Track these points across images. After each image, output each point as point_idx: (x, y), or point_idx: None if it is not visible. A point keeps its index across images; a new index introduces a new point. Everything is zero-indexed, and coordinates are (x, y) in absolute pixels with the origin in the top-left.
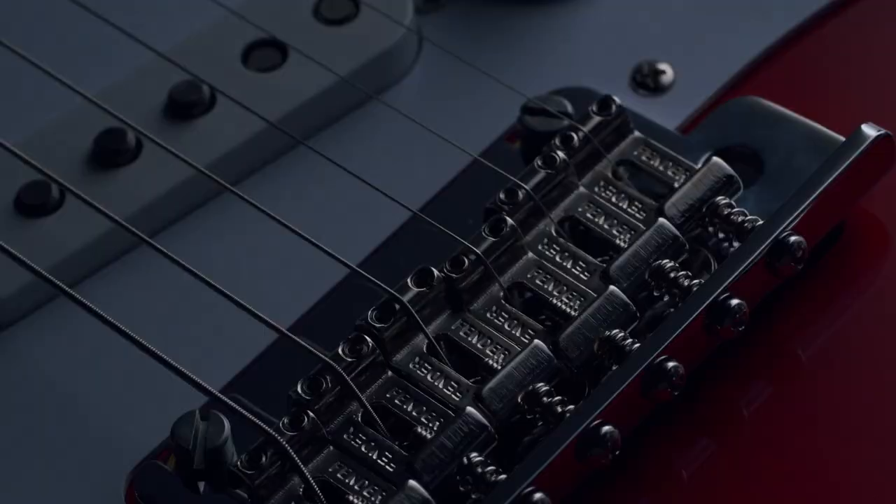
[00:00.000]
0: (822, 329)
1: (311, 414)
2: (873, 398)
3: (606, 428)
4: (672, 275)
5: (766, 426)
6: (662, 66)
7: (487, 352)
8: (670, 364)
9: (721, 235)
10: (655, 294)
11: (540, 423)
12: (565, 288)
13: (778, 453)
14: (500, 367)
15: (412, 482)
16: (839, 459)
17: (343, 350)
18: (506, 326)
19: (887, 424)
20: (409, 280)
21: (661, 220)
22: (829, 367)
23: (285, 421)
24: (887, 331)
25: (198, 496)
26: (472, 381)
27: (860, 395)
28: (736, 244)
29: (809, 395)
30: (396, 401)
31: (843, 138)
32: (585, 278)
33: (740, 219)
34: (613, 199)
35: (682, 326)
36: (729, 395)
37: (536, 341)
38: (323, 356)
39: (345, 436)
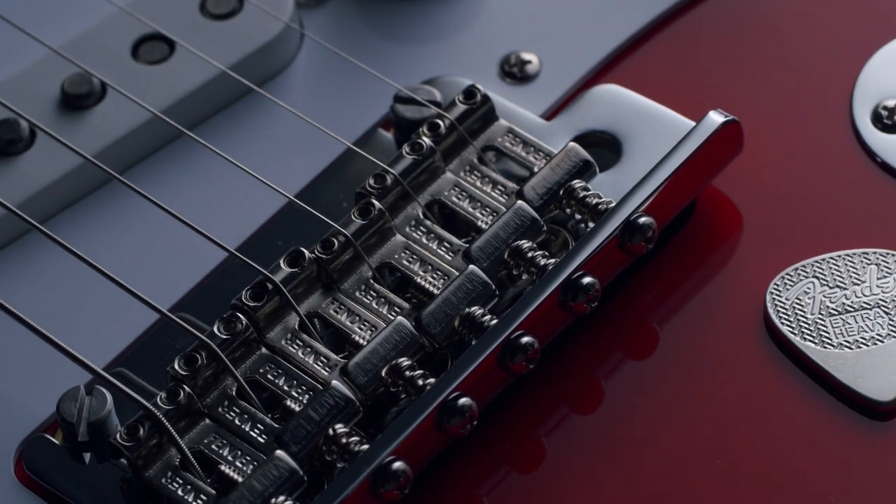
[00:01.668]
0: (675, 303)
1: (186, 388)
2: (723, 368)
3: (464, 400)
4: (530, 254)
5: (621, 396)
6: (528, 57)
7: (356, 329)
8: (525, 339)
9: (578, 217)
10: (515, 273)
11: (403, 396)
12: (430, 267)
13: (634, 421)
14: (366, 343)
15: (280, 452)
16: (692, 427)
17: (218, 328)
18: (374, 304)
19: (735, 391)
20: (282, 261)
21: (520, 202)
22: (682, 340)
23: (162, 395)
24: (736, 303)
25: (84, 467)
26: (340, 356)
27: (711, 366)
28: (591, 225)
29: (662, 367)
30: (269, 375)
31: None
32: (450, 258)
33: (594, 201)
34: (478, 184)
35: (537, 303)
36: (584, 367)
37: (399, 318)
38: (198, 334)
39: (220, 409)
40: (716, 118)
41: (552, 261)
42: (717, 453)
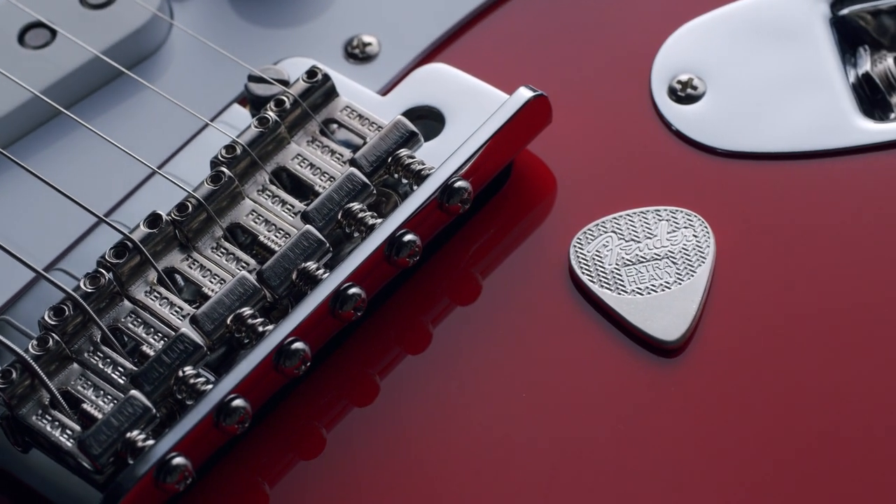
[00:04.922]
0: (493, 257)
1: (55, 336)
2: (531, 314)
3: (298, 344)
4: (360, 215)
5: (444, 339)
6: (369, 39)
7: (206, 282)
8: (353, 289)
9: (404, 181)
10: (347, 231)
11: (247, 341)
12: (274, 227)
13: (456, 359)
14: (213, 295)
15: (134, 391)
16: (504, 364)
17: (84, 283)
18: (223, 261)
19: (541, 334)
20: (142, 223)
21: (352, 168)
22: (497, 289)
23: (34, 342)
24: (546, 256)
25: None
26: (193, 307)
27: (521, 312)
28: (416, 188)
29: (479, 312)
30: (130, 325)
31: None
32: (291, 219)
33: (418, 167)
34: (318, 153)
35: (364, 258)
36: (410, 315)
37: (243, 272)
38: (66, 289)
39: (86, 354)
40: (524, 93)
41: (379, 220)
42: (523, 388)
